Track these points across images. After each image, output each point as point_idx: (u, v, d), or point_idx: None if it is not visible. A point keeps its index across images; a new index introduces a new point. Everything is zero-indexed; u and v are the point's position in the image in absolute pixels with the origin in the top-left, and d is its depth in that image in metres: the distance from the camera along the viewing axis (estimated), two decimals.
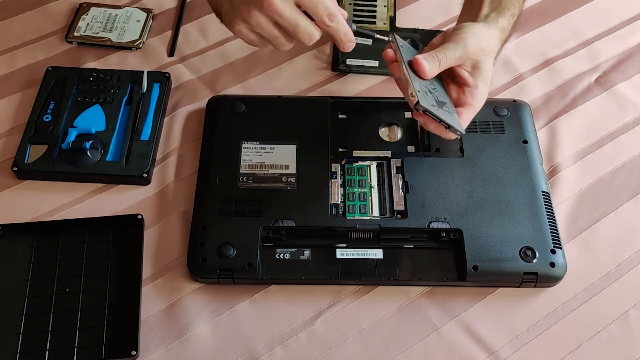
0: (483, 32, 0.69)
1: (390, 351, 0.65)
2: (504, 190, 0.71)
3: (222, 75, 0.85)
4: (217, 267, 0.67)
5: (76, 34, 0.87)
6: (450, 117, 0.65)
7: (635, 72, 0.86)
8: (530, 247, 0.67)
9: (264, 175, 0.72)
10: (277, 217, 0.69)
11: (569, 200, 0.75)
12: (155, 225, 0.72)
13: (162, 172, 0.76)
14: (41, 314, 0.65)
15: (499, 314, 0.67)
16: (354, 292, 0.68)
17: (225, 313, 0.67)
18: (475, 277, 0.66)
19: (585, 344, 0.65)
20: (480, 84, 0.69)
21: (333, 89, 0.84)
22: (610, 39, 0.90)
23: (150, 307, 0.67)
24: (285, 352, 0.65)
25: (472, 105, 0.69)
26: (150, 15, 0.90)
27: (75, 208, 0.73)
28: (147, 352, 0.64)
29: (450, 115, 0.65)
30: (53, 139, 0.76)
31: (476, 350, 0.65)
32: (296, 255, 0.68)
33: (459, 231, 0.68)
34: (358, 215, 0.71)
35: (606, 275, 0.70)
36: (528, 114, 0.78)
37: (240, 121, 0.77)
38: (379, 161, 0.75)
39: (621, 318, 0.67)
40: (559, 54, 0.88)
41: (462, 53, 0.67)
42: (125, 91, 0.80)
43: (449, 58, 0.67)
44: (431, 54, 0.67)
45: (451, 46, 0.67)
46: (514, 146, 0.75)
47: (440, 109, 0.64)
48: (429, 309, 0.67)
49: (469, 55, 0.68)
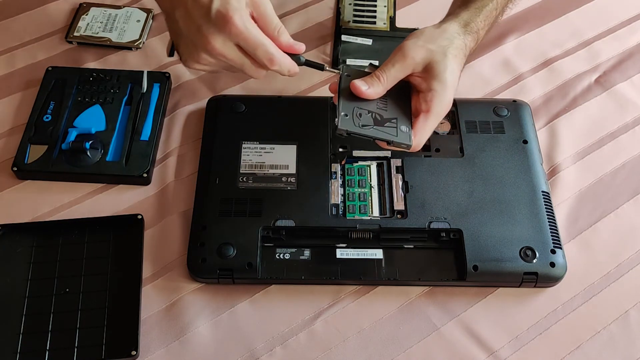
0: (429, 33, 0.68)
1: (390, 351, 0.65)
2: (504, 190, 0.71)
3: (222, 76, 0.85)
4: (217, 267, 0.67)
5: (76, 34, 0.87)
6: (386, 133, 0.65)
7: (635, 72, 0.86)
8: (530, 247, 0.67)
9: (264, 175, 0.72)
10: (277, 217, 0.69)
11: (569, 200, 0.75)
12: (155, 225, 0.72)
13: (162, 172, 0.76)
14: (41, 314, 0.65)
15: (499, 314, 0.67)
16: (353, 292, 0.68)
17: (225, 313, 0.67)
18: (475, 277, 0.66)
19: (585, 344, 0.65)
20: (436, 85, 0.65)
21: None
22: (610, 39, 0.90)
23: (150, 307, 0.67)
24: (285, 352, 0.65)
25: (427, 112, 0.66)
26: (150, 15, 0.90)
27: (75, 208, 0.73)
28: (147, 352, 0.64)
29: (390, 130, 0.65)
30: (53, 139, 0.76)
31: (476, 350, 0.65)
32: (296, 255, 0.68)
33: (459, 231, 0.68)
34: (358, 215, 0.71)
35: (606, 275, 0.70)
36: (528, 114, 0.78)
37: (240, 121, 0.77)
38: (378, 161, 0.75)
39: (621, 318, 0.67)
40: (559, 54, 0.88)
41: (402, 62, 0.66)
42: (125, 91, 0.80)
43: (390, 72, 0.66)
44: (372, 75, 0.66)
45: (391, 60, 0.66)
46: (514, 146, 0.75)
47: (373, 127, 0.65)
48: (429, 309, 0.67)
49: (413, 61, 0.66)
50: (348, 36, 0.88)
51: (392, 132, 0.65)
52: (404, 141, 0.65)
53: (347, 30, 0.89)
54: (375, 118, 0.65)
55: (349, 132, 0.64)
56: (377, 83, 0.66)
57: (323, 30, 0.90)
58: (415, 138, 0.65)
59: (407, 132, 0.66)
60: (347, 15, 0.91)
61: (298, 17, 0.91)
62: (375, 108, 0.66)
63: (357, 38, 0.88)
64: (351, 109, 0.65)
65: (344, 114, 0.65)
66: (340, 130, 0.64)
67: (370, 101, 0.66)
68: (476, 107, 0.78)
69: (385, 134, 0.65)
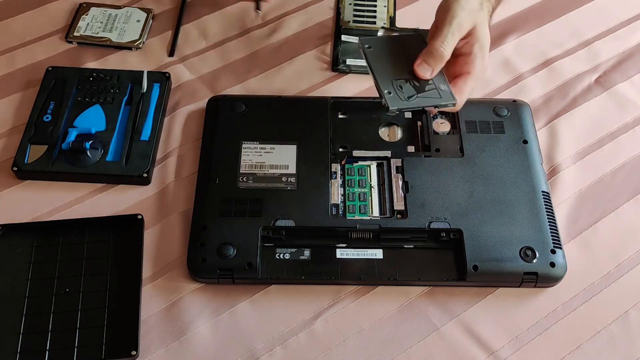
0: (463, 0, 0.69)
1: (390, 351, 0.65)
2: (504, 190, 0.71)
3: (222, 75, 0.85)
4: (217, 267, 0.67)
5: (76, 34, 0.87)
6: (431, 98, 0.66)
7: (635, 72, 0.86)
8: (530, 247, 0.67)
9: (264, 175, 0.72)
10: (277, 217, 0.69)
11: (569, 200, 0.75)
12: (155, 225, 0.72)
13: (162, 172, 0.76)
14: (41, 314, 0.65)
15: (499, 314, 0.67)
16: (353, 292, 0.68)
17: (225, 313, 0.67)
18: (475, 277, 0.66)
19: (585, 344, 0.65)
20: (477, 49, 0.68)
21: (333, 89, 0.84)
22: (610, 39, 0.90)
23: (150, 307, 0.67)
24: (285, 352, 0.65)
25: (469, 74, 0.68)
26: (150, 15, 0.90)
27: (75, 208, 0.73)
28: (147, 352, 0.64)
29: (432, 93, 0.66)
30: (53, 139, 0.76)
31: (476, 350, 0.65)
32: (296, 255, 0.68)
33: (459, 231, 0.68)
34: (358, 215, 0.71)
35: (606, 275, 0.70)
36: (528, 114, 0.78)
37: (241, 121, 0.77)
38: (379, 161, 0.75)
39: (621, 318, 0.67)
40: (559, 54, 0.88)
41: (459, 31, 0.67)
42: (125, 91, 0.80)
43: (450, 44, 0.67)
44: (430, 51, 0.67)
45: (445, 28, 0.67)
46: (514, 146, 0.75)
47: (417, 96, 0.66)
48: (429, 309, 0.67)
49: (466, 29, 0.68)
50: (348, 36, 0.88)
51: (435, 95, 0.66)
52: (450, 101, 0.66)
53: (347, 30, 0.89)
54: (414, 85, 0.66)
55: (400, 109, 0.64)
56: (439, 60, 0.67)
57: (323, 30, 0.90)
58: (458, 98, 0.68)
59: (447, 91, 0.67)
60: (347, 15, 0.91)
61: (298, 17, 0.91)
62: (409, 75, 0.67)
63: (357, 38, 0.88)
64: (391, 84, 0.65)
65: (387, 92, 0.65)
66: (391, 110, 0.64)
67: (403, 68, 0.67)
68: (476, 107, 0.78)
69: (431, 100, 0.66)
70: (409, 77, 0.66)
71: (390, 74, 0.66)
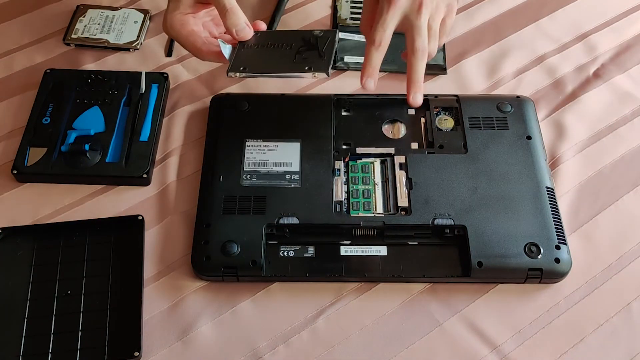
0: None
1: (393, 348, 0.65)
2: (508, 187, 0.71)
3: (221, 75, 0.84)
4: (221, 264, 0.66)
5: (74, 36, 0.87)
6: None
7: (634, 64, 0.86)
8: (534, 243, 0.67)
9: (267, 173, 0.72)
10: (281, 214, 0.69)
11: (570, 193, 0.75)
12: (156, 225, 0.72)
13: (162, 173, 0.76)
14: (43, 316, 0.65)
15: (501, 309, 0.67)
16: (355, 289, 0.68)
17: (227, 312, 0.67)
18: (480, 274, 0.66)
19: (589, 337, 0.65)
20: None
21: (333, 87, 0.84)
22: (607, 31, 0.90)
23: (153, 307, 0.67)
24: (288, 350, 0.64)
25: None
26: (148, 16, 0.89)
27: (76, 210, 0.73)
28: (149, 353, 0.64)
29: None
30: (52, 141, 0.75)
31: (479, 345, 0.65)
32: (300, 253, 0.68)
33: (463, 227, 0.68)
34: (362, 212, 0.70)
35: (608, 267, 0.70)
36: (532, 109, 0.78)
37: (244, 119, 0.76)
38: (382, 158, 0.74)
39: (624, 310, 0.67)
40: (556, 47, 0.88)
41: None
42: (123, 92, 0.80)
43: (389, 29, 0.71)
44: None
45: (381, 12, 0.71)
46: (517, 142, 0.74)
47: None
48: (431, 305, 0.67)
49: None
50: (345, 33, 0.88)
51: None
52: (321, 69, 0.68)
53: (344, 28, 0.89)
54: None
55: (237, 74, 0.69)
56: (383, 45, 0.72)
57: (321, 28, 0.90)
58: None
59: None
60: (344, 13, 0.91)
61: (296, 15, 0.91)
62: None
63: (355, 35, 0.88)
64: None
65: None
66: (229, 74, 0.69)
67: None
68: (479, 103, 0.78)
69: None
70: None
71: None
